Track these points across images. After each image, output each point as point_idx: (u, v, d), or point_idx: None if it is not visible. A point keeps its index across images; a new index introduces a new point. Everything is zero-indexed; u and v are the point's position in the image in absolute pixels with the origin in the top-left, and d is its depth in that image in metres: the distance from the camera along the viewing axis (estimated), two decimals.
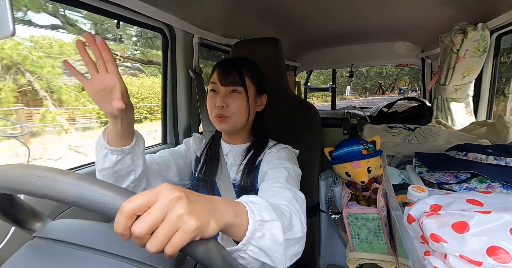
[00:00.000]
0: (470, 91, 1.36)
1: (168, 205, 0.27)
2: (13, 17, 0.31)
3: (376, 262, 0.79)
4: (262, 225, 0.36)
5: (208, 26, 1.16)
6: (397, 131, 1.03)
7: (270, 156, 0.68)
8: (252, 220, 0.35)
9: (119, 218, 0.26)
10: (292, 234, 0.43)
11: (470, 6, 1.22)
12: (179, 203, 0.27)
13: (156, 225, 0.26)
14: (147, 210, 0.26)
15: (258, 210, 0.37)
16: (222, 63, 0.69)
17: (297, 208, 0.49)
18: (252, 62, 0.72)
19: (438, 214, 0.41)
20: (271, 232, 0.37)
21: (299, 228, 0.45)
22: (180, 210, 0.27)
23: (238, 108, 0.66)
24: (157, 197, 0.27)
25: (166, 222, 0.26)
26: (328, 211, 0.96)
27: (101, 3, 0.79)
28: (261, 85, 0.72)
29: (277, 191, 0.54)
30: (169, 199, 0.27)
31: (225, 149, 0.75)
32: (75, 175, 0.27)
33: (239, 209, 0.35)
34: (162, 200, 0.27)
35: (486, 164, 0.63)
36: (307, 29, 1.70)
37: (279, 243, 0.37)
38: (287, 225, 0.42)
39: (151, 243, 0.26)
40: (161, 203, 0.27)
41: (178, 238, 0.26)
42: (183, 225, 0.26)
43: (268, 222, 0.37)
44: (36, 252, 0.31)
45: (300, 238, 0.45)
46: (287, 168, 0.62)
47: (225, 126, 0.68)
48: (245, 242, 0.34)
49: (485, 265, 0.34)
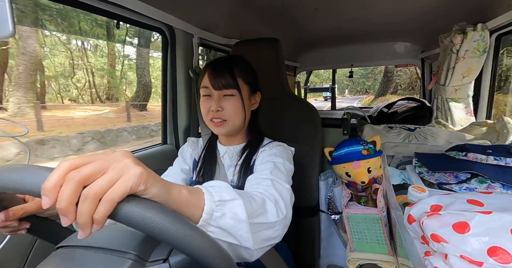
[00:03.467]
0: (470, 92, 1.36)
1: (113, 159, 0.27)
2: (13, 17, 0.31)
3: (376, 263, 0.79)
4: (222, 205, 0.36)
5: (208, 26, 1.16)
6: (397, 132, 1.03)
7: (263, 153, 0.68)
8: (209, 201, 0.34)
9: (53, 173, 0.25)
10: (265, 219, 0.43)
11: (470, 6, 1.22)
12: (124, 157, 0.27)
13: (96, 175, 0.25)
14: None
15: (217, 191, 0.37)
16: (212, 65, 0.66)
17: (273, 194, 0.49)
18: (243, 60, 0.70)
19: (438, 214, 0.41)
20: (232, 211, 0.36)
21: (273, 213, 0.44)
22: (124, 161, 0.27)
23: (234, 111, 0.65)
24: (94, 158, 0.27)
25: (105, 174, 0.26)
26: (328, 211, 0.95)
27: (101, 3, 0.78)
28: (254, 84, 0.70)
29: (258, 182, 0.53)
30: (114, 155, 0.27)
31: (221, 151, 0.75)
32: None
33: (195, 190, 0.35)
34: (101, 158, 0.27)
35: (486, 164, 0.63)
36: (307, 29, 1.70)
37: (241, 220, 0.37)
38: (257, 208, 0.42)
39: (81, 198, 0.24)
40: (104, 157, 0.27)
41: (120, 183, 0.25)
42: (126, 171, 0.26)
43: (228, 201, 0.37)
44: (62, 260, 0.32)
45: (275, 223, 0.44)
46: (275, 162, 0.61)
47: (223, 130, 0.66)
48: (203, 223, 0.33)
49: (486, 265, 0.34)
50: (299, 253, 0.96)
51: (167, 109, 1.17)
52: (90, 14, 0.90)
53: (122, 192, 0.25)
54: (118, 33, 7.61)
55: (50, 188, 0.24)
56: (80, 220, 0.24)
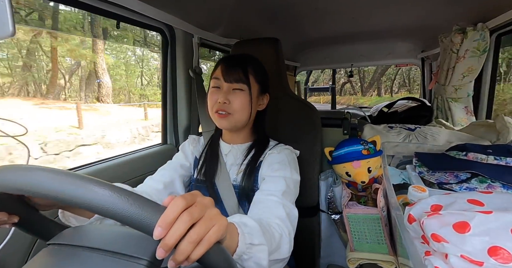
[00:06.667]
0: (470, 91, 1.36)
1: (207, 205, 0.29)
2: (13, 17, 0.31)
3: (376, 262, 0.79)
4: (250, 248, 0.38)
5: (208, 26, 1.16)
6: (397, 132, 1.03)
7: (271, 157, 0.68)
8: (241, 243, 0.37)
9: (170, 211, 0.26)
10: (278, 255, 0.45)
11: (470, 6, 1.21)
12: (213, 204, 0.30)
13: (198, 219, 0.27)
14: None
15: (249, 233, 0.39)
16: (227, 59, 0.68)
17: (289, 228, 0.51)
18: (257, 60, 0.72)
19: (439, 214, 0.41)
20: (257, 256, 0.39)
21: (287, 249, 0.47)
22: (214, 210, 0.30)
23: (240, 106, 0.65)
24: (195, 199, 0.29)
25: (204, 218, 0.28)
26: (328, 211, 0.95)
27: (101, 3, 0.78)
28: (264, 84, 0.72)
29: (270, 206, 0.54)
30: (207, 200, 0.30)
31: (225, 149, 0.74)
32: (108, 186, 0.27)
33: (231, 229, 0.37)
34: (200, 201, 0.29)
35: (486, 164, 0.63)
36: (307, 29, 1.70)
37: (262, 266, 0.40)
38: (275, 247, 0.44)
39: (187, 239, 0.26)
40: (199, 203, 0.29)
41: (215, 230, 0.28)
42: (217, 222, 0.28)
43: (256, 245, 0.39)
44: (52, 257, 0.31)
45: (285, 258, 0.47)
46: (286, 178, 0.62)
47: (226, 123, 0.67)
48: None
49: (487, 265, 0.34)
50: (299, 253, 0.96)
51: (167, 109, 1.17)
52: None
53: (217, 239, 0.28)
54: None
55: (168, 223, 0.25)
56: (180, 258, 0.26)
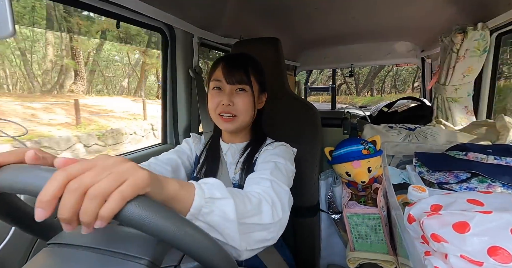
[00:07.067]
0: (470, 91, 1.36)
1: (114, 164, 0.26)
2: (13, 17, 0.31)
3: (376, 262, 0.79)
4: (211, 202, 0.36)
5: (208, 26, 1.16)
6: (397, 131, 1.03)
7: (266, 152, 0.68)
8: (199, 197, 0.34)
9: (50, 184, 0.23)
10: (259, 219, 0.43)
11: (470, 6, 1.21)
12: (125, 162, 0.27)
13: (88, 186, 0.24)
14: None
15: (209, 188, 0.37)
16: (227, 60, 0.67)
17: (271, 195, 0.49)
18: (255, 59, 0.72)
19: (438, 214, 0.41)
20: (220, 209, 0.36)
21: (269, 215, 0.44)
22: (126, 165, 0.26)
23: (245, 107, 0.65)
24: (91, 164, 0.25)
25: (109, 175, 0.24)
26: (328, 211, 0.96)
27: (101, 3, 0.78)
28: (263, 84, 0.72)
29: (257, 181, 0.53)
30: (113, 160, 0.26)
31: (224, 148, 0.75)
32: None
33: (187, 185, 0.35)
34: (99, 165, 0.25)
35: (486, 164, 0.63)
36: (307, 29, 1.70)
37: (229, 220, 0.37)
38: (251, 209, 0.42)
39: (87, 197, 0.23)
40: (103, 163, 0.26)
41: (128, 184, 0.25)
42: (130, 176, 0.25)
43: (218, 199, 0.37)
44: (52, 257, 0.31)
45: (269, 225, 0.44)
46: (277, 162, 0.61)
47: (231, 126, 0.66)
48: (190, 217, 0.34)
49: (486, 265, 0.34)
50: (299, 253, 0.96)
51: (167, 109, 1.17)
52: None
53: (133, 192, 0.25)
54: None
55: (46, 201, 0.23)
56: (85, 218, 0.24)
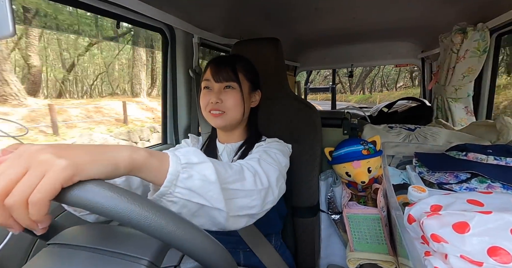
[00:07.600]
0: (470, 91, 1.36)
1: (28, 157, 0.23)
2: (13, 17, 0.31)
3: (376, 262, 0.79)
4: (189, 167, 0.35)
5: (208, 26, 1.16)
6: (397, 132, 1.03)
7: (259, 147, 0.68)
8: (173, 163, 0.33)
9: None
10: (241, 186, 0.43)
11: (470, 6, 1.21)
12: (43, 151, 0.24)
13: (15, 181, 0.22)
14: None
15: (184, 154, 0.36)
16: (215, 60, 0.69)
17: (254, 166, 0.49)
18: (245, 59, 0.73)
19: (438, 214, 0.41)
20: (200, 173, 0.35)
21: (251, 181, 0.44)
22: (43, 156, 0.24)
23: (233, 103, 0.66)
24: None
25: (29, 171, 0.23)
26: (328, 211, 0.95)
27: (101, 3, 0.78)
28: (254, 82, 0.73)
29: (245, 161, 0.54)
30: (30, 151, 0.24)
31: (220, 148, 0.75)
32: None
33: (159, 154, 0.33)
34: (20, 155, 0.24)
35: (486, 164, 0.63)
36: (307, 29, 1.70)
37: (211, 182, 0.36)
38: (232, 174, 0.42)
39: (8, 202, 0.22)
40: (17, 157, 0.24)
41: (46, 182, 0.23)
42: (49, 168, 0.23)
43: (196, 164, 0.36)
44: (52, 257, 0.31)
45: (252, 191, 0.44)
46: (267, 151, 0.62)
47: (221, 121, 0.67)
48: (168, 184, 0.32)
49: (486, 265, 0.34)
50: (299, 253, 0.96)
51: (167, 109, 1.17)
52: None
53: (51, 191, 0.23)
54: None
55: None
56: (23, 224, 0.23)
